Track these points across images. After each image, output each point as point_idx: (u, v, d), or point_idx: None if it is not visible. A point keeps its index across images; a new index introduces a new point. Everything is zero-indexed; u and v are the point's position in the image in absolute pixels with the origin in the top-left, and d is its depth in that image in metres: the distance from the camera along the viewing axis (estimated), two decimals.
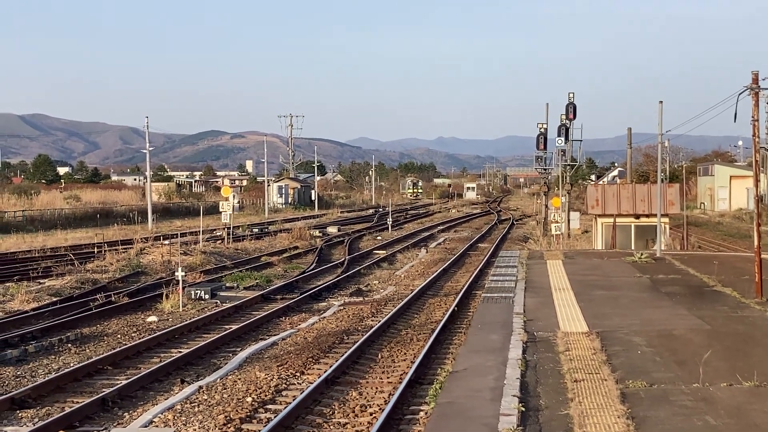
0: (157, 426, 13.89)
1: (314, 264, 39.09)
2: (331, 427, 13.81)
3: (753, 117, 22.26)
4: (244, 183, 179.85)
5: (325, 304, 27.88)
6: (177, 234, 51.65)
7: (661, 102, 34.26)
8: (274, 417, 13.86)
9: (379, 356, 19.03)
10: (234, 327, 22.62)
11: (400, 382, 15.96)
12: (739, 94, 22.56)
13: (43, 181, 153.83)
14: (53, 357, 19.57)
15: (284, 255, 42.81)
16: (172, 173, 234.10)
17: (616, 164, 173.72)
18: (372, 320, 23.86)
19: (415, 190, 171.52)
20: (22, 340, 20.85)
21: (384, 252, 45.47)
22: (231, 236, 49.48)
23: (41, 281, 31.90)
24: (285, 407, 14.44)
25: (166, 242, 43.58)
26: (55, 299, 27.35)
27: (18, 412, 14.82)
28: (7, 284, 30.38)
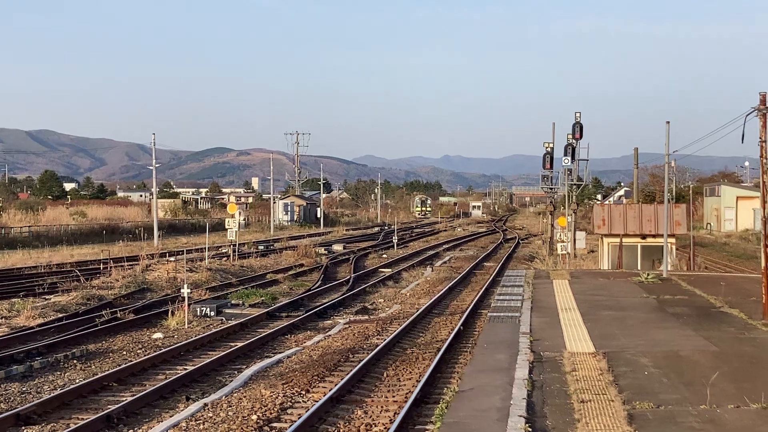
0: None
1: (319, 282, 39.06)
2: None
3: (761, 138, 22.24)
4: (250, 200, 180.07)
5: (330, 322, 27.83)
6: (183, 251, 51.65)
7: (668, 122, 34.29)
8: None
9: (385, 375, 18.98)
10: (239, 344, 22.58)
11: (406, 401, 15.90)
12: (747, 116, 22.56)
13: (50, 197, 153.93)
14: (59, 373, 19.55)
15: (290, 272, 42.80)
16: (178, 190, 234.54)
17: (622, 184, 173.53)
18: (377, 338, 23.80)
19: (424, 209, 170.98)
20: (28, 356, 20.83)
21: (389, 270, 45.42)
22: (236, 253, 49.49)
23: (47, 297, 31.91)
24: (290, 425, 14.39)
25: (172, 259, 43.61)
26: (60, 315, 27.34)
27: (23, 428, 14.80)
28: (13, 300, 30.39)
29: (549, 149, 61.54)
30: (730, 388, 13.85)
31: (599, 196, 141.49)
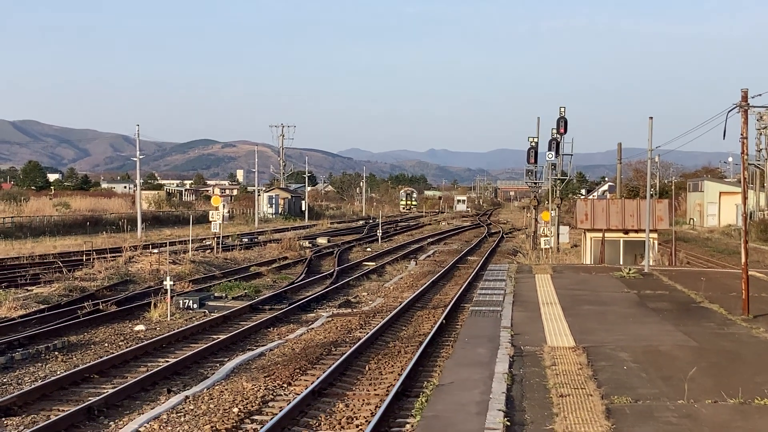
0: None
1: (303, 275, 39.10)
2: None
3: (742, 134, 22.37)
4: (235, 192, 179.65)
5: (313, 315, 27.89)
6: (166, 243, 51.57)
7: (651, 118, 34.38)
8: (261, 428, 13.87)
9: (367, 368, 19.05)
10: (222, 337, 22.62)
11: (387, 395, 15.98)
12: (729, 112, 22.68)
13: (33, 187, 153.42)
14: (40, 365, 19.53)
15: (273, 265, 42.81)
16: (163, 182, 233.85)
17: (606, 179, 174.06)
18: (360, 332, 23.88)
19: (409, 202, 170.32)
20: (9, 347, 20.81)
21: (373, 264, 45.48)
22: (220, 246, 49.45)
23: (29, 288, 31.84)
24: (271, 418, 14.45)
25: (155, 251, 43.54)
26: (42, 307, 27.29)
27: (3, 419, 14.80)
28: None
29: (534, 144, 61.65)
30: (708, 383, 13.95)
31: (583, 191, 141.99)
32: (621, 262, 40.69)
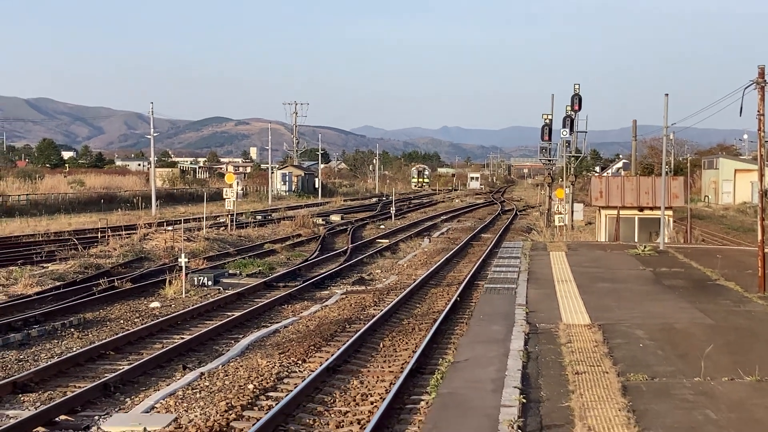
0: (158, 412, 13.91)
1: (317, 252, 39.10)
2: (332, 415, 13.83)
3: (759, 111, 22.21)
4: (248, 170, 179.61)
5: (327, 292, 27.89)
6: (180, 220, 51.65)
7: (666, 95, 34.22)
8: (276, 404, 13.88)
9: (381, 345, 19.04)
10: (236, 314, 22.64)
11: (402, 372, 15.97)
12: (745, 89, 22.52)
13: (48, 165, 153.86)
14: (56, 341, 19.60)
15: (287, 242, 42.82)
16: (176, 159, 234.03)
17: (620, 156, 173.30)
18: (374, 309, 23.86)
19: (421, 180, 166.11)
20: (25, 324, 20.87)
21: (387, 241, 45.46)
22: (234, 223, 49.50)
23: (45, 265, 31.93)
24: (286, 395, 14.46)
25: (170, 228, 43.62)
26: (58, 284, 27.36)
27: (20, 395, 14.86)
28: (11, 268, 30.40)
29: (548, 121, 61.47)
30: (724, 361, 13.91)
31: (597, 168, 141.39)
32: (636, 240, 40.57)
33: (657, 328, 16.82)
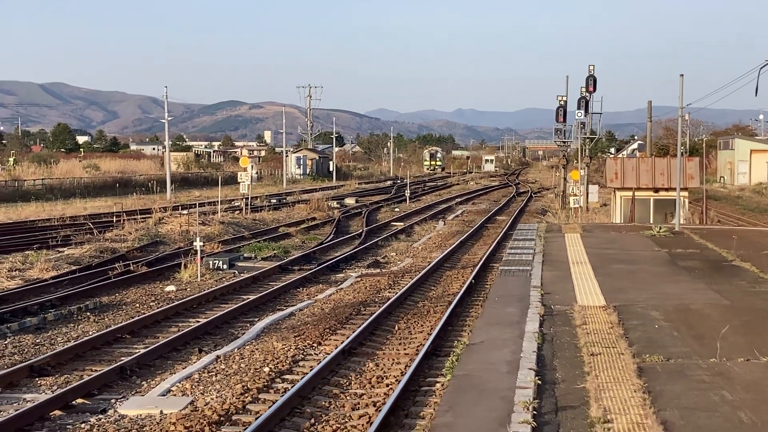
0: (175, 395, 13.97)
1: (332, 235, 39.13)
2: (348, 397, 13.86)
3: None
4: (263, 153, 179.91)
5: (342, 275, 27.93)
6: (195, 204, 51.73)
7: (681, 75, 34.00)
8: (291, 387, 13.92)
9: (396, 328, 19.06)
10: (252, 297, 22.70)
11: (417, 354, 15.99)
12: (761, 68, 22.42)
13: (63, 149, 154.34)
14: (72, 325, 19.70)
15: (302, 226, 42.87)
16: (191, 143, 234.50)
17: (635, 137, 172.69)
18: (389, 292, 23.88)
19: (433, 162, 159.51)
20: (42, 308, 20.98)
21: (401, 224, 45.45)
22: (249, 207, 49.56)
23: (60, 250, 32.06)
24: (302, 377, 14.50)
25: (185, 212, 43.72)
26: (74, 268, 27.48)
27: (37, 379, 14.94)
28: (27, 252, 30.54)
29: (562, 103, 61.37)
30: (740, 342, 13.85)
31: (612, 150, 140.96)
32: (651, 221, 40.44)
33: (672, 309, 16.77)
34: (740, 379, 11.69)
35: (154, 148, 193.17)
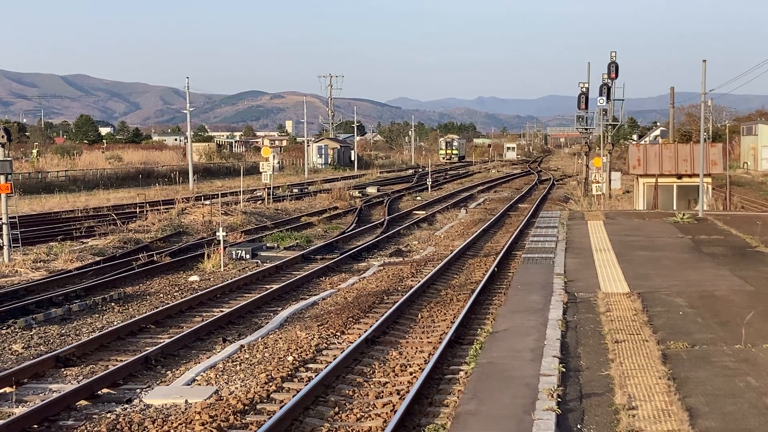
0: (199, 384, 14.03)
1: (354, 224, 39.15)
2: (372, 386, 13.88)
3: None
4: (284, 143, 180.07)
5: (364, 264, 27.94)
6: (218, 194, 51.91)
7: (704, 61, 33.82)
8: (315, 376, 13.95)
9: (419, 316, 19.06)
10: (275, 287, 22.74)
11: (440, 342, 15.98)
12: None
13: (85, 141, 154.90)
14: (97, 316, 19.80)
15: (324, 215, 42.90)
16: (213, 134, 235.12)
17: (658, 123, 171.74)
18: (412, 280, 23.87)
19: (450, 151, 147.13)
20: (66, 299, 21.11)
21: (423, 212, 45.42)
22: (271, 196, 49.66)
23: (84, 241, 32.24)
24: (326, 366, 14.52)
25: (207, 202, 43.83)
26: (98, 259, 27.63)
27: (63, 370, 15.03)
28: (51, 244, 30.73)
29: (584, 89, 61.03)
30: (765, 328, 13.79)
31: (635, 136, 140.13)
32: (674, 208, 40.24)
33: (697, 295, 16.71)
34: (766, 365, 11.64)
35: (176, 139, 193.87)
